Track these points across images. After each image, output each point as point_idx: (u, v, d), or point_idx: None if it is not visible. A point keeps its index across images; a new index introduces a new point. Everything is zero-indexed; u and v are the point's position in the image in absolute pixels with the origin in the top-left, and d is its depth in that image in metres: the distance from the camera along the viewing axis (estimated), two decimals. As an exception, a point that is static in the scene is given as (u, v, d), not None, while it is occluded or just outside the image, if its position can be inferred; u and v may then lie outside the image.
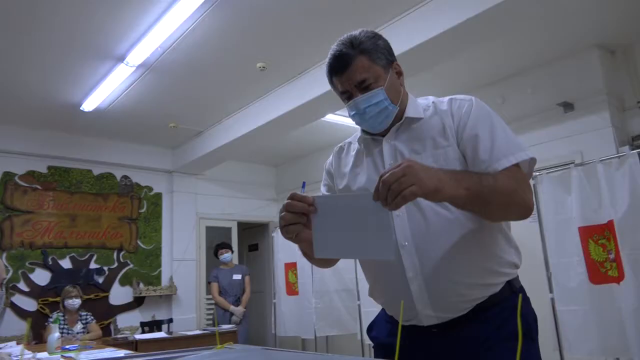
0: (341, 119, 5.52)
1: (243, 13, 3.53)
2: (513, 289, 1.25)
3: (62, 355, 3.10)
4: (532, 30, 3.94)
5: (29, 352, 3.40)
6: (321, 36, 3.82)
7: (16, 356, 3.03)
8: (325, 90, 4.26)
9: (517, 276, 1.29)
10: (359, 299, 4.81)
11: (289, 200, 1.11)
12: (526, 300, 1.27)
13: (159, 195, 6.62)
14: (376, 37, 1.31)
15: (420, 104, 1.35)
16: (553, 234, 3.50)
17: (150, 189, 6.55)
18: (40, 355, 3.04)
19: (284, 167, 7.87)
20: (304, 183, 1.40)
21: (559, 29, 3.95)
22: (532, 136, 4.54)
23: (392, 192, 0.98)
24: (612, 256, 3.19)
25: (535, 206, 3.70)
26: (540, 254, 3.62)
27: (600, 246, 3.28)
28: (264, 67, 4.35)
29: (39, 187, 5.71)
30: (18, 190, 5.57)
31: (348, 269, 4.93)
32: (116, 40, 3.82)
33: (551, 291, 3.49)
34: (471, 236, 1.21)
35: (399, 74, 1.36)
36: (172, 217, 6.60)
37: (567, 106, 4.36)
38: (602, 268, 3.25)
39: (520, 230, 1.30)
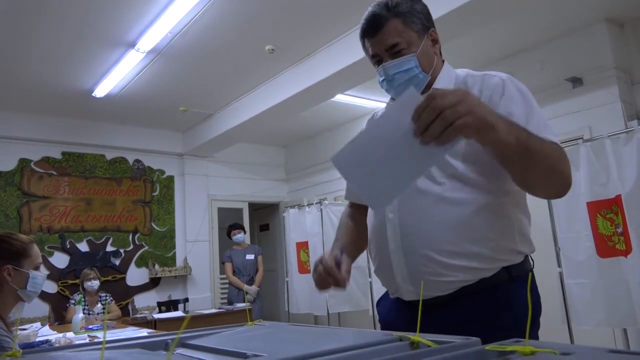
0: (350, 99, 5.55)
1: (251, -4, 3.55)
2: (512, 276, 1.17)
3: (88, 335, 3.24)
4: (540, 6, 3.92)
5: (55, 332, 3.55)
6: (329, 17, 3.84)
7: (44, 336, 3.17)
8: (334, 71, 4.29)
9: (522, 263, 1.20)
10: (370, 276, 4.91)
11: (319, 272, 1.22)
12: (524, 289, 1.16)
13: (171, 178, 6.72)
14: (415, 0, 1.25)
15: (455, 75, 1.27)
16: (561, 209, 3.55)
17: (162, 172, 6.65)
18: (69, 334, 3.17)
19: (294, 147, 7.92)
20: (342, 250, 1.29)
21: (567, 3, 3.93)
22: (544, 111, 4.56)
23: (444, 119, 0.86)
24: (619, 230, 3.25)
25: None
26: (549, 228, 3.68)
27: (608, 220, 3.33)
28: (272, 50, 4.37)
29: (54, 172, 5.82)
30: (34, 176, 5.69)
31: (359, 247, 5.01)
32: (127, 26, 3.86)
33: (559, 265, 3.57)
34: (459, 217, 1.15)
35: (435, 41, 1.27)
36: (185, 200, 6.71)
37: (576, 81, 4.36)
38: (610, 242, 3.31)
39: (530, 205, 1.30)
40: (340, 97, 5.37)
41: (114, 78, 4.74)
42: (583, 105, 4.31)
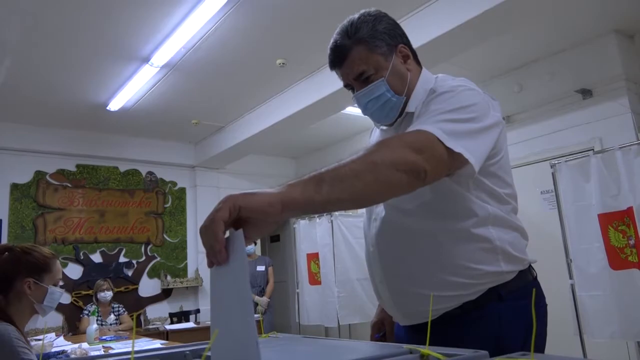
0: (360, 112, 5.58)
1: (263, 12, 3.62)
2: (500, 295, 1.13)
3: (102, 346, 3.28)
4: (549, 17, 3.95)
5: (70, 342, 3.59)
6: (339, 32, 3.89)
7: (59, 347, 3.21)
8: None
9: (514, 280, 1.15)
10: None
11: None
12: (516, 307, 1.11)
13: (182, 190, 6.79)
14: (377, 20, 1.20)
15: (431, 85, 1.19)
16: (573, 221, 3.54)
17: (174, 184, 6.73)
18: (84, 345, 3.21)
19: (304, 159, 7.97)
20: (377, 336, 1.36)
21: (576, 15, 3.95)
22: (551, 124, 4.56)
23: (206, 226, 0.74)
24: (632, 242, 3.23)
25: (554, 193, 3.77)
26: (560, 240, 3.68)
27: (620, 232, 3.32)
28: (283, 64, 4.44)
29: (69, 184, 5.92)
30: (49, 188, 5.78)
31: (370, 258, 5.02)
32: (141, 42, 3.95)
33: (571, 277, 3.55)
34: (435, 250, 1.13)
35: (406, 56, 1.22)
36: (196, 211, 6.76)
37: (586, 93, 4.37)
38: (622, 254, 3.29)
39: (540, 217, 1.28)
40: (350, 110, 5.41)
41: (128, 92, 4.83)
42: (593, 117, 4.31)
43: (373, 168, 0.90)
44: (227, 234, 0.77)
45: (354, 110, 5.54)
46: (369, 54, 1.17)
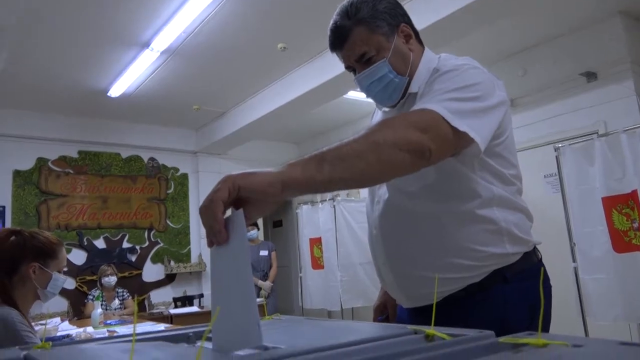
0: (362, 96, 5.53)
1: (264, -5, 3.58)
2: (505, 277, 1.12)
3: (107, 330, 3.30)
4: (552, 0, 3.89)
5: (75, 327, 3.62)
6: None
7: (64, 331, 3.24)
8: (346, 68, 4.30)
9: (519, 262, 1.14)
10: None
11: None
12: (521, 288, 1.11)
13: (185, 176, 6.79)
14: None
15: (435, 64, 1.18)
16: (576, 204, 3.54)
17: (176, 169, 6.72)
18: (89, 329, 3.24)
19: (306, 144, 7.95)
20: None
21: (581, -3, 3.90)
22: (555, 107, 4.53)
23: (205, 206, 0.71)
24: (635, 225, 3.23)
25: (558, 177, 3.75)
26: (563, 224, 3.67)
27: (624, 215, 3.31)
28: (284, 48, 4.40)
29: (71, 171, 5.92)
30: (52, 175, 5.79)
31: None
32: (141, 27, 3.91)
33: (574, 260, 3.55)
34: (438, 232, 1.12)
35: (408, 36, 1.20)
36: (199, 197, 6.77)
37: (590, 76, 4.32)
38: (626, 237, 3.29)
39: (543, 201, 1.26)
40: (352, 94, 5.38)
41: (129, 78, 4.80)
42: (598, 100, 4.27)
43: (375, 148, 0.88)
44: (228, 213, 0.76)
45: (356, 95, 5.50)
46: (370, 34, 1.15)
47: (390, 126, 0.95)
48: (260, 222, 7.19)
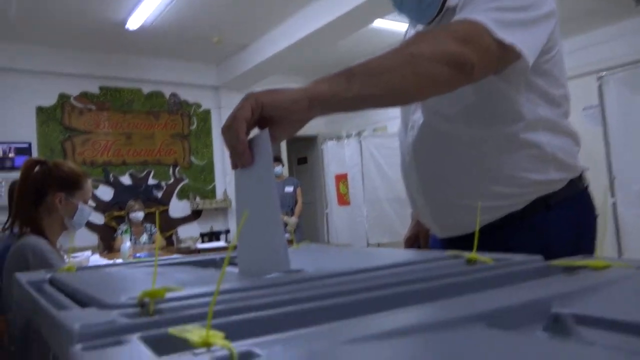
0: (391, 25, 5.25)
1: None
2: (548, 204, 1.04)
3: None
4: None
5: (105, 259, 3.70)
6: None
7: (95, 262, 3.30)
8: (374, -8, 4.05)
9: (564, 189, 1.06)
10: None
11: None
12: (567, 215, 1.04)
13: (207, 112, 6.70)
14: None
15: None
16: (619, 135, 3.36)
17: (199, 105, 6.63)
18: (118, 262, 3.28)
19: (329, 79, 7.73)
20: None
21: None
22: (600, 33, 4.23)
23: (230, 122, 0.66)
24: (683, 157, 3.06)
25: (600, 108, 3.55)
26: (601, 159, 3.50)
27: (670, 147, 3.14)
28: (308, -29, 4.14)
29: (93, 107, 5.88)
30: (74, 111, 5.76)
31: (399, 178, 4.96)
32: (156, -51, 3.70)
33: (613, 195, 3.42)
34: (477, 158, 1.05)
35: None
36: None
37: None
38: (671, 170, 3.13)
39: (581, 135, 1.14)
40: (379, 23, 5.09)
41: (146, 8, 4.62)
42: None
43: (411, 60, 0.80)
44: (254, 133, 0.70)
45: (384, 24, 5.23)
46: None
47: (428, 38, 0.87)
48: (285, 158, 7.14)
